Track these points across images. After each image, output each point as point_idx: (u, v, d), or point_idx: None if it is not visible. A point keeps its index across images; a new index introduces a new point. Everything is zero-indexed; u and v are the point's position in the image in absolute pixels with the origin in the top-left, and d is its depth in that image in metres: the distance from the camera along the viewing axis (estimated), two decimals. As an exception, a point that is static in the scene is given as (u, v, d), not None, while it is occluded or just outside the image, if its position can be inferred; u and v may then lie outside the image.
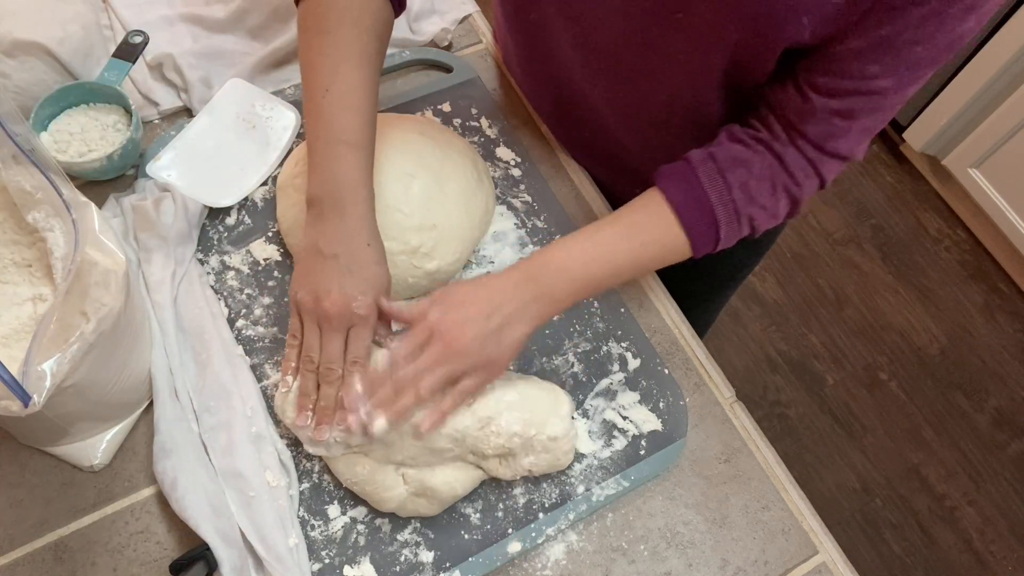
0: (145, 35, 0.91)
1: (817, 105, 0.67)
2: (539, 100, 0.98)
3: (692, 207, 0.71)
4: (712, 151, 0.73)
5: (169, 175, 0.86)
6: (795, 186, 0.72)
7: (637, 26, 0.73)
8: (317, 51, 0.71)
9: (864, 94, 0.65)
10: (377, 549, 0.72)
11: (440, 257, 0.81)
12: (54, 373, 0.60)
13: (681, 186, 0.72)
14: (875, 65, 0.63)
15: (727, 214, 0.71)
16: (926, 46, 0.61)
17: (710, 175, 0.71)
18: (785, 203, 0.73)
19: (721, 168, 0.71)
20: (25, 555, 0.70)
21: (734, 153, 0.72)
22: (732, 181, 0.71)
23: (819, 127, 0.69)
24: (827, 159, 0.71)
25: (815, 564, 0.75)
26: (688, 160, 0.73)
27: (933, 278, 2.14)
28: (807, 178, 0.71)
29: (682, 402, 0.81)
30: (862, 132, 0.69)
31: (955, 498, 1.85)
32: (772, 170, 0.71)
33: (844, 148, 0.70)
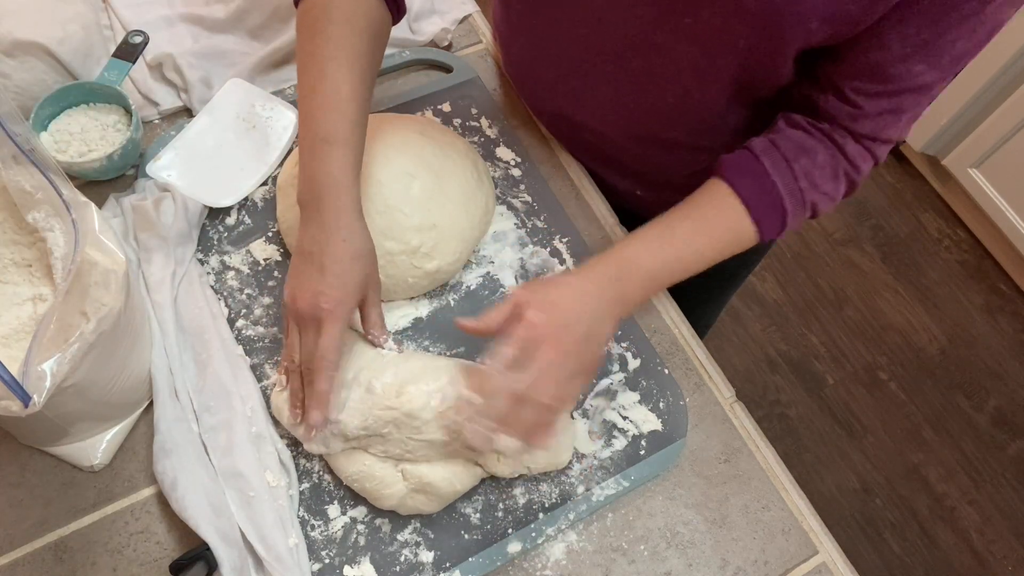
0: (145, 35, 0.91)
1: (868, 109, 0.69)
2: (540, 102, 0.97)
3: (761, 198, 0.72)
4: (774, 139, 0.73)
5: (169, 175, 0.86)
6: (854, 171, 0.74)
7: (645, 30, 0.73)
8: (308, 52, 0.72)
9: (912, 91, 0.68)
10: (377, 549, 0.72)
11: (440, 257, 0.81)
12: (54, 373, 0.60)
13: (748, 177, 0.72)
14: (920, 64, 0.65)
15: (794, 203, 0.73)
16: (967, 40, 0.63)
17: (776, 164, 0.72)
18: (845, 187, 0.75)
19: (786, 157, 0.72)
20: (25, 555, 0.70)
21: (797, 141, 0.73)
22: (798, 170, 0.72)
23: (872, 124, 0.71)
24: (881, 145, 0.73)
25: (815, 564, 0.75)
26: (751, 150, 0.74)
27: (933, 278, 2.14)
28: (864, 163, 0.74)
29: (682, 402, 0.81)
30: (910, 120, 0.72)
31: (955, 498, 1.85)
32: (834, 159, 0.73)
33: (895, 134, 0.72)
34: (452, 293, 0.85)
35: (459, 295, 0.85)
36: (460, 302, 0.85)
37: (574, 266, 0.87)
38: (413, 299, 0.84)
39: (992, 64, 1.88)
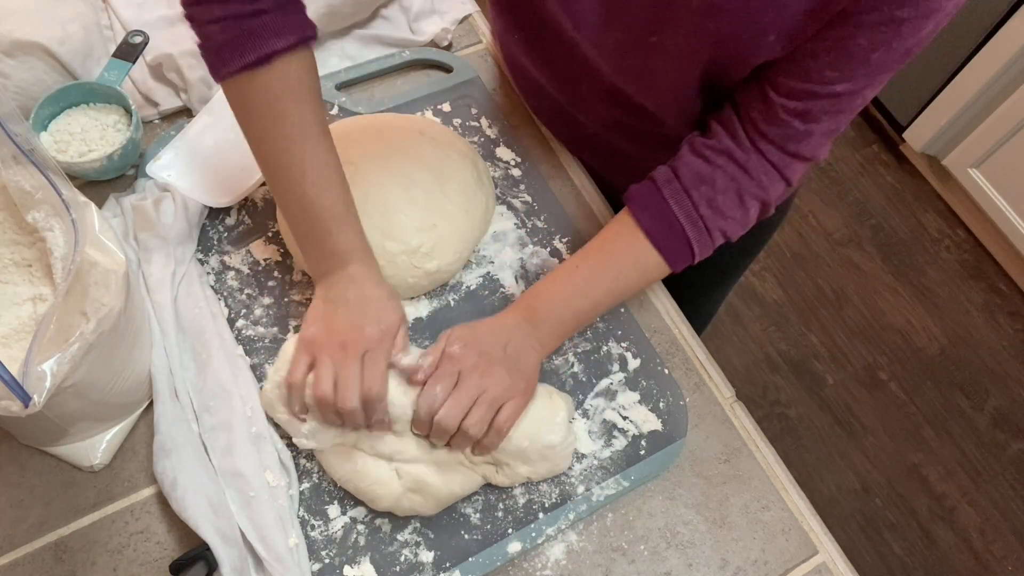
0: (145, 35, 0.91)
1: (777, 105, 0.68)
2: (537, 101, 0.98)
3: (662, 229, 0.74)
4: (676, 167, 0.74)
5: (169, 175, 0.86)
6: (761, 191, 0.73)
7: (615, 49, 0.74)
8: (280, 136, 0.70)
9: (822, 97, 0.66)
10: (377, 549, 0.72)
11: (440, 257, 0.81)
12: (54, 373, 0.60)
13: (649, 209, 0.74)
14: (832, 71, 0.64)
15: (696, 231, 0.73)
16: (883, 52, 0.62)
17: (676, 195, 0.73)
18: (755, 209, 0.74)
19: (686, 186, 0.73)
20: (25, 555, 0.70)
21: (696, 169, 0.73)
22: (697, 198, 0.73)
23: (780, 129, 0.69)
24: (790, 160, 0.72)
25: (815, 564, 0.75)
26: (654, 180, 0.75)
27: (933, 278, 2.14)
28: (772, 182, 0.73)
29: (682, 402, 0.81)
30: (824, 135, 0.70)
31: (955, 498, 1.85)
32: (737, 182, 0.72)
33: (806, 150, 0.71)
34: (452, 293, 0.85)
35: (459, 295, 0.85)
36: (460, 302, 0.85)
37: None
38: (413, 299, 0.84)
39: (992, 64, 1.88)
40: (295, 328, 0.81)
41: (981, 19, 1.87)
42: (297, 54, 0.69)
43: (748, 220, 0.75)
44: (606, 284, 0.75)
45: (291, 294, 0.83)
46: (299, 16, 0.70)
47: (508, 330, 0.73)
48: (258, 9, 0.67)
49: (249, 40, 0.67)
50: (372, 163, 0.82)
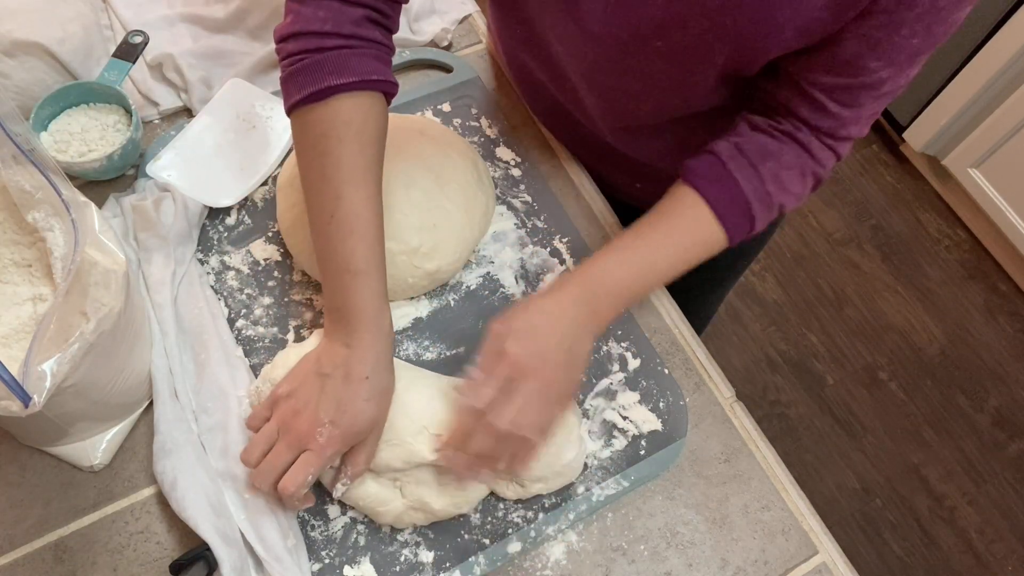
0: (145, 35, 0.91)
1: (826, 103, 0.69)
2: (534, 102, 0.98)
3: (729, 204, 0.72)
4: (738, 143, 0.73)
5: (169, 175, 0.86)
6: (820, 168, 0.74)
7: (613, 53, 0.74)
8: (318, 174, 0.69)
9: (868, 87, 0.67)
10: (377, 549, 0.72)
11: (440, 257, 0.81)
12: (54, 373, 0.60)
13: (715, 183, 0.72)
14: (876, 61, 0.65)
15: (762, 207, 0.72)
16: (923, 38, 0.63)
17: (742, 169, 0.72)
18: (811, 185, 0.75)
19: (752, 160, 0.72)
20: (25, 555, 0.70)
21: (761, 144, 0.72)
22: (765, 173, 0.72)
23: (831, 121, 0.71)
24: (842, 142, 0.73)
25: (815, 564, 0.75)
26: (716, 154, 0.73)
27: (933, 278, 2.14)
28: (828, 159, 0.74)
29: (682, 402, 0.81)
30: (870, 116, 0.72)
31: (955, 498, 1.85)
32: (800, 159, 0.72)
33: (855, 132, 0.72)
34: (452, 293, 0.85)
35: (459, 295, 0.85)
36: (460, 302, 0.85)
37: (574, 266, 0.87)
38: (413, 299, 0.84)
39: (992, 64, 1.88)
40: (295, 328, 0.81)
41: (981, 19, 1.87)
42: (356, 95, 0.68)
43: (805, 195, 0.75)
44: (670, 258, 0.72)
45: (291, 294, 0.83)
46: (368, 59, 0.69)
47: (567, 317, 0.68)
48: (325, 47, 0.68)
49: (310, 74, 0.67)
50: (372, 163, 0.82)
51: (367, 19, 0.70)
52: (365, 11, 0.69)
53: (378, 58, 0.71)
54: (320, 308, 0.82)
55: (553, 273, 0.87)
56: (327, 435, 0.65)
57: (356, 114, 0.68)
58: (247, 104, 0.92)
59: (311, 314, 0.82)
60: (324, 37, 0.68)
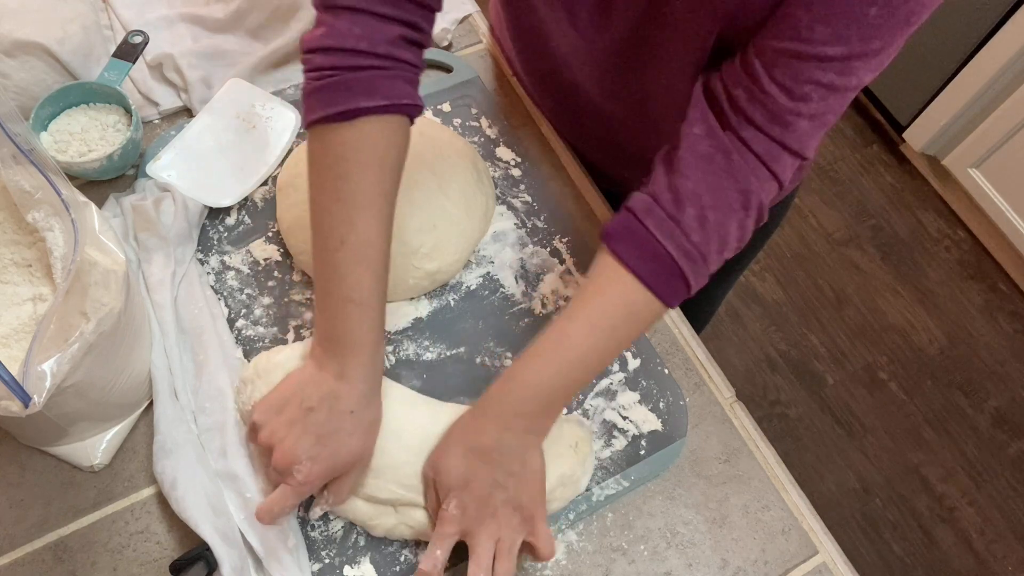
0: (145, 35, 0.91)
1: (762, 75, 0.61)
2: (539, 94, 0.97)
3: (654, 268, 0.65)
4: (654, 192, 0.66)
5: (169, 175, 0.86)
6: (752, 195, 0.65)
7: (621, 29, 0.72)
8: (332, 196, 0.66)
9: (810, 59, 0.59)
10: (377, 549, 0.72)
11: (440, 257, 0.81)
12: (54, 373, 0.60)
13: (634, 247, 0.65)
14: (823, 25, 0.57)
15: (691, 262, 0.65)
16: (881, 8, 0.56)
17: (661, 224, 0.64)
18: (751, 217, 0.66)
19: (670, 213, 0.64)
20: (25, 555, 0.70)
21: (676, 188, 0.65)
22: (687, 224, 0.64)
23: (765, 107, 0.62)
24: (778, 152, 0.64)
25: (815, 564, 0.75)
26: (634, 212, 0.66)
27: (933, 278, 2.14)
28: (762, 181, 0.65)
29: (682, 402, 0.81)
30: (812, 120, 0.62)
31: (955, 498, 1.85)
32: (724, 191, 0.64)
33: (793, 139, 0.63)
34: (452, 293, 0.85)
35: (459, 295, 0.85)
36: (460, 302, 0.85)
37: (574, 266, 0.87)
38: (413, 299, 0.84)
39: (992, 64, 1.88)
40: (295, 328, 0.81)
41: (981, 19, 1.87)
42: (382, 118, 0.66)
43: (745, 232, 0.67)
44: (600, 343, 0.66)
45: (291, 294, 0.83)
46: (399, 83, 0.67)
47: (501, 447, 0.65)
48: (358, 65, 0.65)
49: (339, 93, 0.65)
50: (372, 163, 0.82)
51: (403, 38, 0.67)
52: (402, 29, 0.66)
53: (409, 81, 0.68)
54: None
55: (553, 273, 0.87)
56: (306, 471, 0.64)
57: (381, 139, 0.66)
58: (247, 104, 0.92)
59: (311, 314, 0.82)
60: (357, 55, 0.65)
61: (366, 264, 0.66)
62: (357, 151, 0.65)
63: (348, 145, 0.66)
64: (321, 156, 0.67)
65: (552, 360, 0.67)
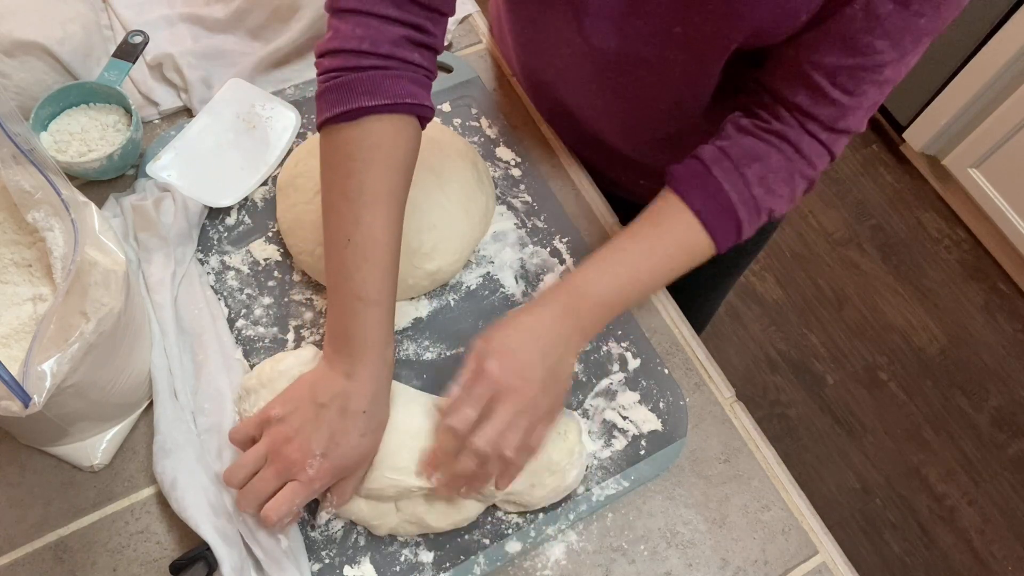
0: (145, 35, 0.91)
1: (825, 85, 0.67)
2: (538, 100, 0.98)
3: (714, 210, 0.70)
4: (724, 147, 0.71)
5: (169, 175, 0.86)
6: (811, 169, 0.72)
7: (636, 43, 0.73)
8: (340, 195, 0.67)
9: (870, 70, 0.65)
10: (377, 549, 0.72)
11: (440, 257, 0.82)
12: (54, 373, 0.60)
13: (700, 189, 0.70)
14: (881, 40, 0.63)
15: (748, 212, 0.70)
16: (930, 17, 0.62)
17: (727, 174, 0.70)
18: (802, 187, 0.73)
19: (737, 165, 0.70)
20: (25, 555, 0.70)
21: (748, 147, 0.71)
22: (751, 177, 0.70)
23: (829, 109, 0.68)
24: (837, 136, 0.71)
25: (815, 564, 0.75)
26: (701, 160, 0.71)
27: (933, 278, 2.14)
28: (820, 158, 0.71)
29: (682, 402, 0.81)
30: (869, 108, 0.69)
31: (955, 498, 1.85)
32: (789, 161, 0.70)
33: (853, 125, 0.70)
34: (452, 293, 0.85)
35: (459, 295, 0.85)
36: (460, 302, 0.85)
37: (574, 266, 0.87)
38: (413, 299, 0.84)
39: (992, 64, 1.88)
40: (295, 328, 0.81)
41: (981, 19, 1.87)
42: (388, 117, 0.67)
43: (796, 198, 0.73)
44: (655, 267, 0.70)
45: (291, 294, 0.83)
46: (403, 82, 0.67)
47: (550, 333, 0.67)
48: (360, 66, 0.66)
49: (342, 93, 0.66)
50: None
51: (407, 39, 0.68)
52: (405, 31, 0.67)
53: (415, 81, 0.69)
54: (321, 308, 0.82)
55: (553, 273, 0.87)
56: (317, 467, 0.64)
57: (385, 138, 0.67)
58: (247, 104, 0.92)
59: (311, 314, 0.82)
60: (360, 56, 0.66)
61: (372, 262, 0.66)
62: (361, 150, 0.66)
63: (353, 144, 0.66)
64: (329, 156, 0.68)
65: (607, 271, 0.70)
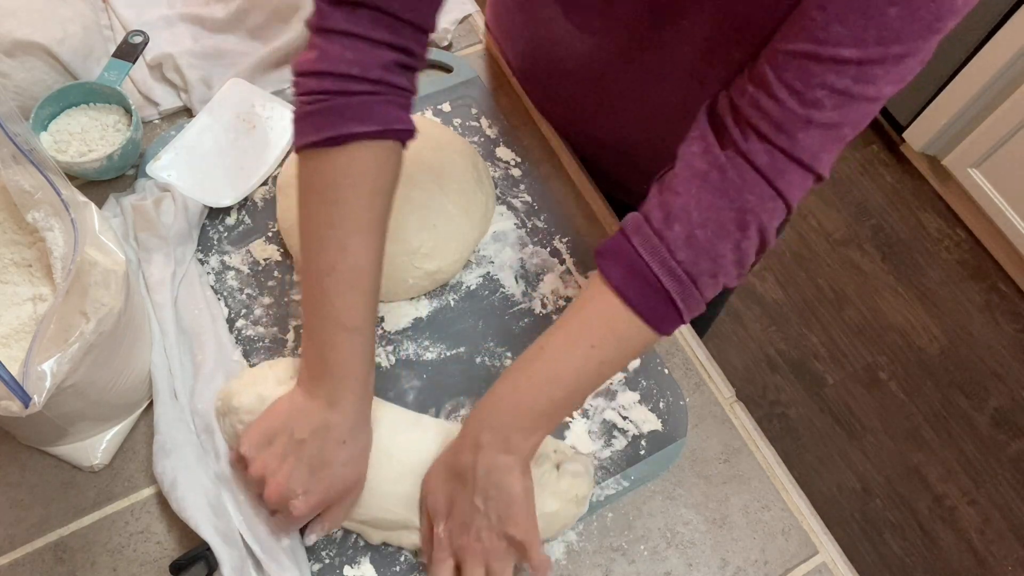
0: (145, 35, 0.91)
1: (771, 78, 0.57)
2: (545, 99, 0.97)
3: (636, 286, 0.62)
4: (647, 210, 0.63)
5: (169, 175, 0.86)
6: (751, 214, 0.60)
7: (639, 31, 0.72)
8: (324, 222, 0.65)
9: (824, 61, 0.55)
10: (377, 549, 0.72)
11: (440, 257, 0.82)
12: (54, 373, 0.60)
13: (619, 263, 0.63)
14: (838, 24, 0.54)
15: (677, 282, 0.61)
16: (902, 8, 0.52)
17: (646, 241, 0.62)
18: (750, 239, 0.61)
19: (657, 229, 0.61)
20: (25, 555, 0.70)
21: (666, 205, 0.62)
22: (672, 241, 0.61)
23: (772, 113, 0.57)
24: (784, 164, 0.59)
25: (815, 564, 0.75)
26: (623, 230, 0.64)
27: (933, 278, 2.14)
28: (763, 200, 0.60)
29: (682, 402, 0.81)
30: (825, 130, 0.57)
31: (955, 498, 1.85)
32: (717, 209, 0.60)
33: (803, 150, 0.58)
34: (452, 293, 0.85)
35: (459, 295, 0.85)
36: (460, 302, 0.85)
37: (574, 266, 0.87)
38: (413, 299, 0.84)
39: (992, 64, 1.88)
40: (295, 328, 0.81)
41: (981, 19, 1.87)
42: (374, 144, 0.65)
43: (744, 256, 0.62)
44: (579, 364, 0.63)
45: (291, 294, 0.83)
46: (391, 108, 0.65)
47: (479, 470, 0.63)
48: (350, 91, 0.63)
49: (330, 118, 0.63)
50: (372, 163, 0.82)
51: (396, 64, 0.65)
52: (395, 55, 0.64)
53: (402, 106, 0.67)
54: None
55: (553, 273, 0.87)
56: (301, 503, 0.64)
57: (372, 164, 0.65)
58: (247, 104, 0.92)
59: (311, 314, 0.82)
60: (349, 80, 0.63)
61: (358, 291, 0.65)
62: (348, 176, 0.64)
63: (339, 170, 0.64)
64: (312, 181, 0.66)
65: (528, 374, 0.65)
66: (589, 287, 0.65)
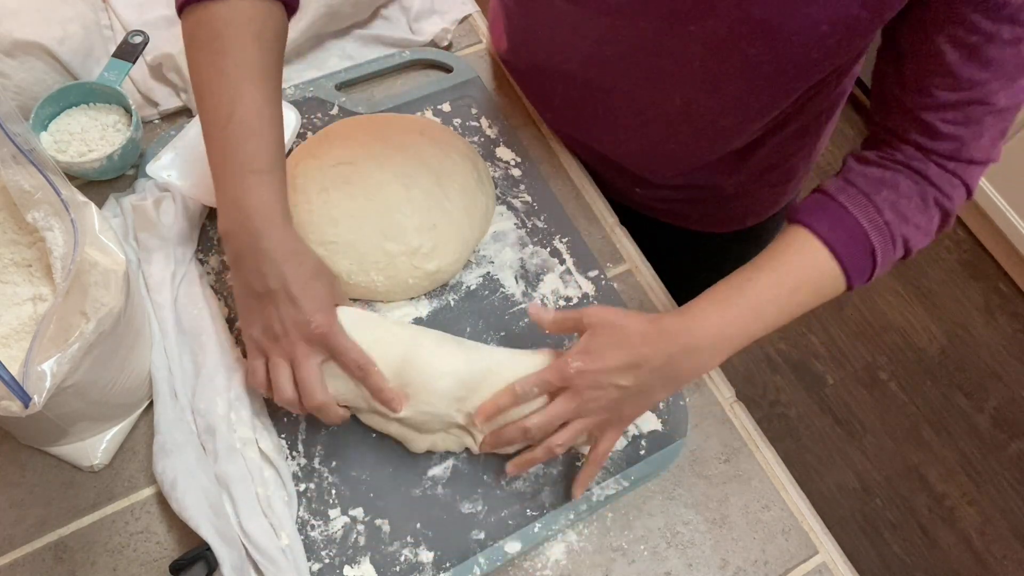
0: (145, 35, 0.91)
1: (936, 123, 0.65)
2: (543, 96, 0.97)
3: (844, 238, 0.66)
4: (848, 177, 0.69)
5: (169, 175, 0.86)
6: (945, 198, 0.68)
7: (651, 36, 0.73)
8: (216, 71, 0.66)
9: (980, 103, 0.63)
10: (377, 549, 0.72)
11: (440, 257, 0.82)
12: (54, 373, 0.60)
13: (826, 216, 0.67)
14: (982, 72, 0.61)
15: (882, 238, 0.67)
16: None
17: (855, 200, 0.67)
18: (938, 218, 0.69)
19: (865, 191, 0.67)
20: (25, 555, 0.70)
21: (873, 176, 0.68)
22: (880, 203, 0.67)
23: (948, 143, 0.66)
24: (967, 166, 0.68)
25: (815, 564, 0.75)
26: (824, 191, 0.69)
27: (933, 278, 2.15)
28: (954, 188, 0.68)
29: (682, 402, 0.81)
30: (994, 136, 0.66)
31: (955, 498, 1.85)
32: (919, 186, 0.67)
33: (979, 154, 0.67)
34: (452, 293, 0.85)
35: (459, 295, 0.85)
36: (460, 302, 0.85)
37: (574, 266, 0.87)
38: (413, 299, 0.84)
39: (992, 64, 1.88)
40: (295, 328, 0.81)
41: (981, 19, 1.87)
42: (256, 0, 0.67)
43: (932, 229, 0.69)
44: (781, 303, 0.67)
45: (291, 294, 0.83)
46: None
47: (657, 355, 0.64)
48: None
49: None
50: (372, 163, 0.82)
51: None
52: None
53: None
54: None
55: (553, 273, 0.87)
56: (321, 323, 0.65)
57: (256, 15, 0.67)
58: (247, 104, 0.92)
59: (311, 314, 0.82)
60: None
61: (260, 134, 0.66)
62: (232, 25, 0.66)
63: (223, 20, 0.66)
64: (196, 35, 0.67)
65: (731, 304, 0.67)
66: (791, 237, 0.68)
